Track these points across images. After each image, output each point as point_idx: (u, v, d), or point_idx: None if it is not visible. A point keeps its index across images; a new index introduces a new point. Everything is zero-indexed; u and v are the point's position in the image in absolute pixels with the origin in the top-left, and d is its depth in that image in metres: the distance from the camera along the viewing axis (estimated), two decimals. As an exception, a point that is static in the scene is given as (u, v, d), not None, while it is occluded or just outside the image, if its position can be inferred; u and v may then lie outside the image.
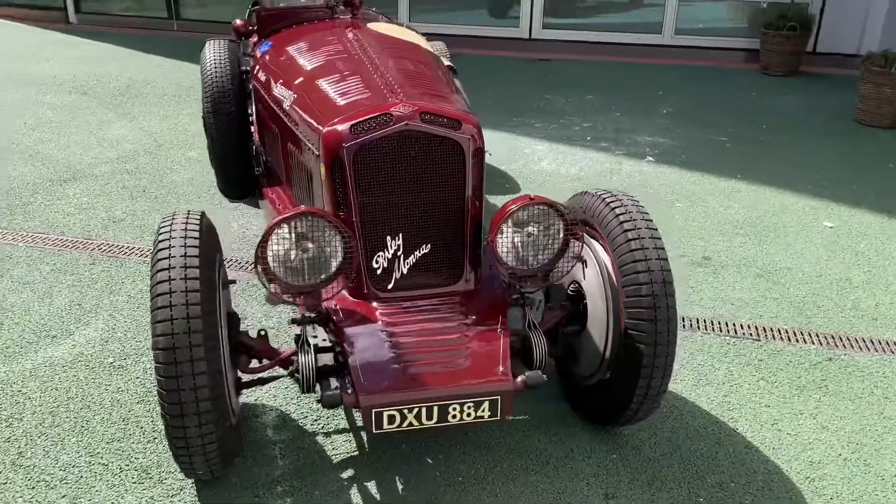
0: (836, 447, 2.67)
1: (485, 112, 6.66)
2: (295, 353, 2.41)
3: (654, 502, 2.41)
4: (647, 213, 2.48)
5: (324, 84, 2.86)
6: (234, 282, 2.67)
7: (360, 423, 2.73)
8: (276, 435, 2.66)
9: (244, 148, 3.53)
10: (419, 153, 2.43)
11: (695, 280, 3.81)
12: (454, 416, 2.23)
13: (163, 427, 2.14)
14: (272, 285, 2.24)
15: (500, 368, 2.28)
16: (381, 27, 3.83)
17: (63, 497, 2.37)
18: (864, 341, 3.31)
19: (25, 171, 5.12)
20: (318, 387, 2.30)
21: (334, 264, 2.26)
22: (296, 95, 2.94)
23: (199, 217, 2.30)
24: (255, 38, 3.99)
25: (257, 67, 3.59)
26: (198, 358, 2.04)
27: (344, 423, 2.73)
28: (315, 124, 2.59)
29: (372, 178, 2.41)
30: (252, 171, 3.68)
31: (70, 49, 9.06)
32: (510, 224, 2.35)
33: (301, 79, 3.05)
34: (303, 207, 2.23)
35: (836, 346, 3.29)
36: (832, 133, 6.29)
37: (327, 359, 2.40)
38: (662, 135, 6.15)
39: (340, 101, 2.65)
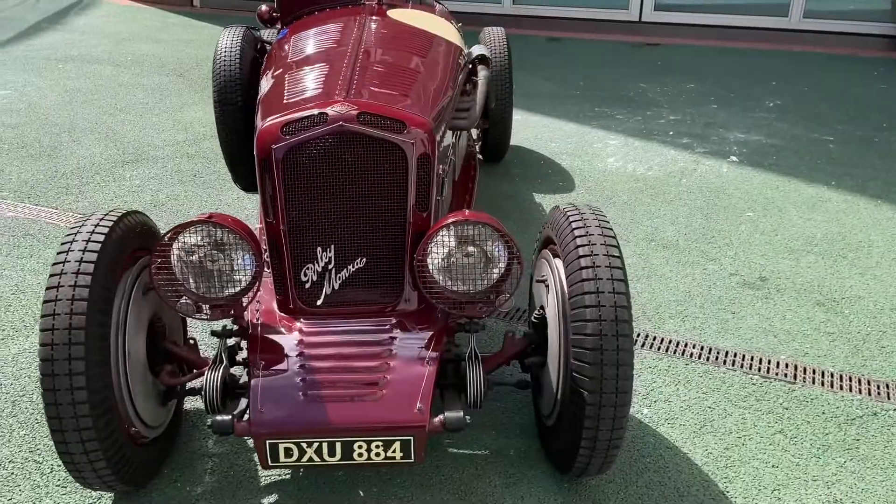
0: (844, 528, 2.21)
1: (566, 102, 6.26)
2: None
3: (595, 573, 2.07)
4: (611, 233, 2.12)
5: (291, 76, 2.68)
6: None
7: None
8: (215, 447, 2.53)
9: (251, 139, 3.40)
10: (356, 157, 2.20)
11: (740, 304, 3.34)
12: (360, 455, 2.01)
13: (53, 439, 2.05)
14: (181, 297, 2.09)
15: (418, 405, 2.02)
16: (404, 14, 3.59)
17: (-13, 494, 2.35)
18: (927, 395, 2.76)
19: (96, 151, 5.29)
20: (225, 408, 2.13)
21: (242, 277, 2.08)
22: (266, 89, 2.77)
23: (115, 218, 2.18)
24: (278, 26, 3.86)
25: (267, 56, 3.46)
26: (77, 372, 1.93)
27: (289, 441, 2.55)
28: (258, 121, 2.40)
29: (302, 182, 2.21)
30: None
31: (184, 31, 9.40)
32: (442, 241, 2.07)
33: (279, 70, 2.88)
34: (204, 214, 2.05)
35: (888, 397, 2.76)
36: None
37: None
38: (758, 131, 5.52)
39: (290, 98, 2.46)
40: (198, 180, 4.78)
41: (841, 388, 2.81)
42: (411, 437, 1.99)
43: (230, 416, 2.03)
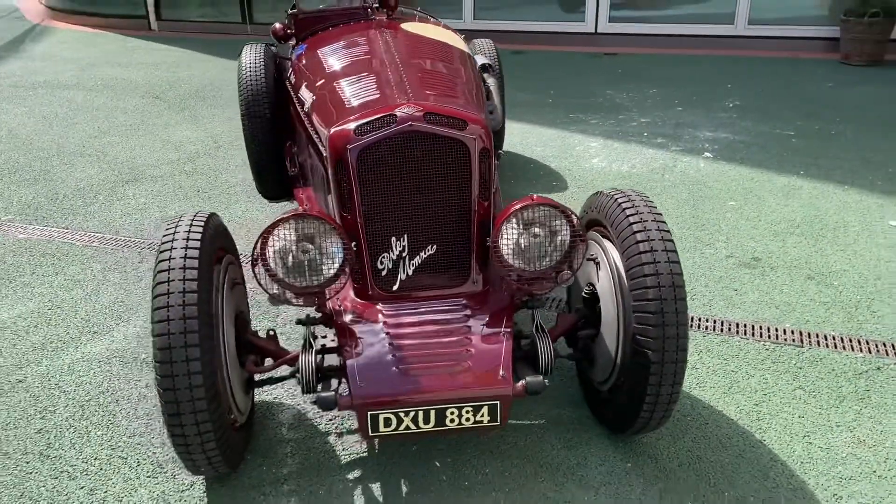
0: (871, 463, 2.50)
1: (542, 109, 6.58)
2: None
3: (664, 515, 2.31)
4: (659, 214, 2.38)
5: (339, 86, 2.88)
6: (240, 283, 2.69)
7: (373, 423, 2.73)
8: (290, 433, 2.69)
9: (278, 150, 3.59)
10: (424, 153, 2.41)
11: (740, 282, 3.65)
12: (452, 421, 2.20)
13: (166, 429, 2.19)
14: (274, 286, 2.27)
15: (501, 373, 2.23)
16: (416, 27, 3.82)
17: (82, 488, 2.46)
18: (919, 349, 3.10)
19: (91, 173, 5.36)
20: (319, 387, 2.31)
21: (333, 266, 2.26)
22: (315, 97, 2.96)
23: (205, 218, 2.35)
24: (293, 42, 4.05)
25: (290, 70, 3.64)
26: (193, 358, 2.08)
27: (356, 424, 2.73)
28: (323, 125, 2.60)
29: (376, 178, 2.41)
30: (288, 172, 3.74)
31: (148, 55, 9.44)
32: (513, 225, 2.30)
33: (322, 80, 3.08)
34: (300, 209, 2.24)
35: (887, 353, 3.08)
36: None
37: (334, 360, 2.41)
38: (724, 129, 5.92)
39: (351, 103, 2.66)
40: (203, 195, 4.90)
41: (844, 348, 3.12)
42: (497, 402, 2.20)
43: (333, 392, 2.21)
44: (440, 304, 2.44)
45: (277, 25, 3.99)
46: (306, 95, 3.08)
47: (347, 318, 2.38)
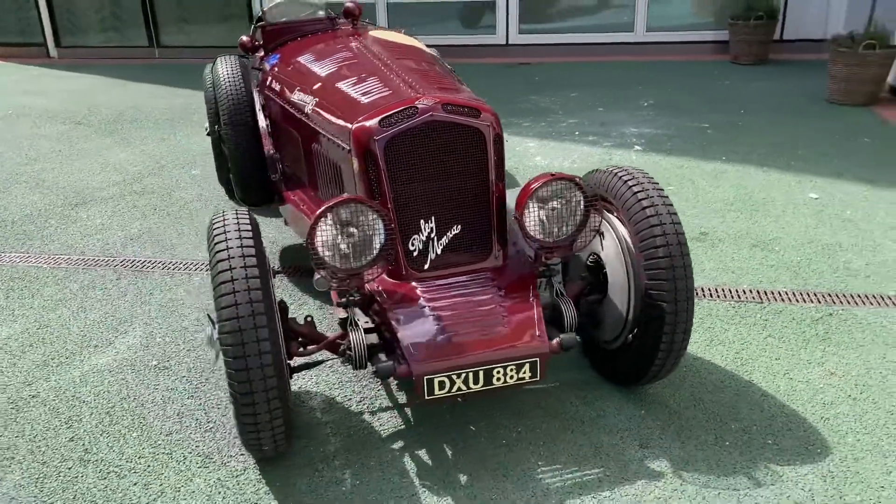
0: (845, 390, 2.88)
1: (473, 115, 6.87)
2: (341, 337, 2.59)
3: (684, 448, 2.60)
4: (657, 183, 2.68)
5: (344, 86, 3.05)
6: (279, 271, 2.82)
7: (402, 399, 2.90)
8: (325, 416, 2.82)
9: (262, 156, 3.69)
10: (444, 141, 2.62)
11: (695, 254, 4.02)
12: (498, 379, 2.42)
13: (232, 410, 2.30)
14: (322, 270, 2.42)
15: (537, 332, 2.47)
16: (383, 34, 4.03)
17: (135, 485, 2.51)
18: (860, 297, 3.54)
19: (34, 198, 5.24)
20: (368, 364, 2.47)
21: (376, 247, 2.44)
22: (317, 99, 3.12)
23: (247, 213, 2.48)
24: (260, 53, 4.16)
25: (269, 79, 3.77)
26: (262, 339, 2.21)
27: (387, 402, 2.90)
28: (343, 122, 2.77)
29: (402, 167, 2.60)
30: (268, 178, 3.84)
31: (55, 82, 9.17)
32: (535, 200, 2.54)
33: (319, 84, 3.23)
34: (345, 195, 2.40)
35: (834, 302, 3.51)
36: (807, 113, 6.58)
37: (372, 338, 2.58)
38: (646, 125, 6.39)
39: (364, 100, 2.84)
40: (161, 213, 4.90)
41: (797, 301, 3.53)
42: (537, 359, 2.43)
43: (391, 362, 2.38)
44: (468, 279, 2.65)
45: (245, 38, 4.10)
46: (304, 99, 3.23)
47: (389, 297, 2.55)
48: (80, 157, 6.17)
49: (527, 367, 2.43)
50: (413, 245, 2.64)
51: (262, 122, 3.82)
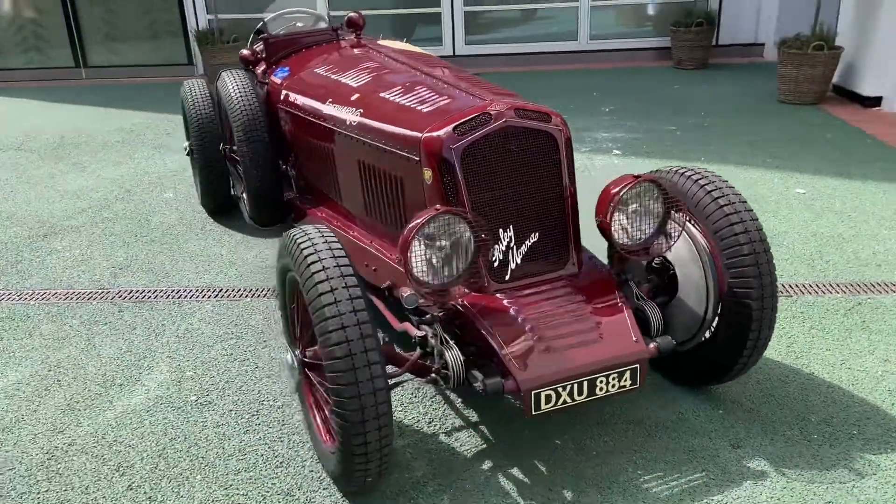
0: (903, 375, 2.95)
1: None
2: (423, 357, 2.46)
3: (774, 445, 2.59)
4: (727, 181, 2.68)
5: (391, 97, 2.94)
6: None
7: (473, 417, 2.79)
8: (400, 441, 2.68)
9: (278, 173, 3.52)
10: (518, 147, 2.54)
11: (710, 253, 4.07)
12: (601, 389, 2.35)
13: (339, 440, 2.14)
14: (413, 287, 2.29)
15: (634, 338, 2.41)
16: (391, 44, 3.92)
17: (218, 531, 2.32)
18: (881, 285, 3.65)
19: (-4, 231, 4.85)
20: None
21: (470, 258, 2.33)
22: (361, 110, 2.98)
23: (329, 229, 2.33)
24: (262, 67, 3.98)
25: (283, 93, 3.60)
26: (373, 362, 2.07)
27: (458, 421, 2.79)
28: (409, 132, 2.65)
29: (479, 175, 2.51)
30: (282, 196, 3.67)
31: (-20, 107, 8.58)
32: (618, 204, 2.49)
33: (357, 95, 3.10)
34: (440, 207, 2.28)
35: (858, 292, 3.61)
36: (764, 113, 6.82)
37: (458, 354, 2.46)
38: (617, 130, 6.48)
39: (425, 109, 2.73)
40: (144, 239, 4.62)
41: (823, 292, 3.61)
42: (637, 365, 2.37)
43: (499, 379, 2.27)
44: (550, 287, 2.57)
45: (246, 52, 3.90)
46: (342, 112, 3.08)
47: (477, 310, 2.45)
48: (32, 184, 5.76)
49: (628, 374, 2.37)
50: (493, 255, 2.55)
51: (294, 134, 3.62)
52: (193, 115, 4.48)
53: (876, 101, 6.81)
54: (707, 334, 2.72)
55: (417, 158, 2.59)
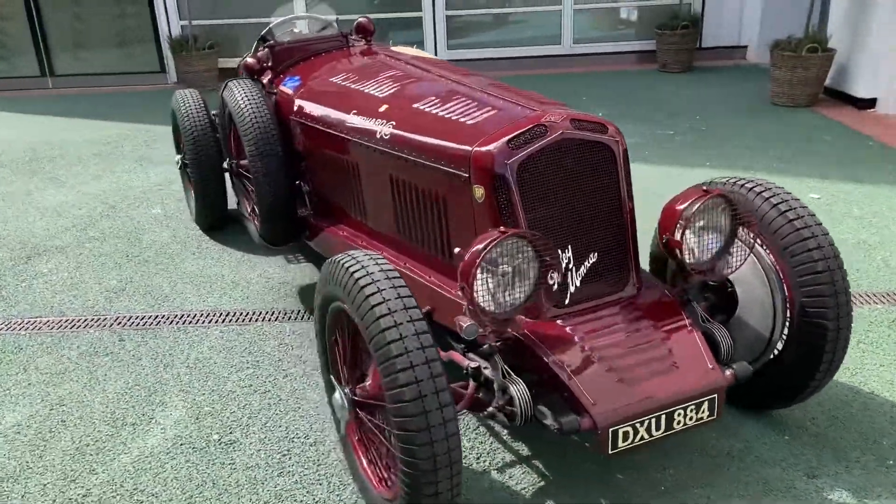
0: (965, 391, 2.83)
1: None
2: (479, 390, 2.26)
3: (851, 473, 2.44)
4: (793, 195, 2.53)
5: (427, 108, 2.73)
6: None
7: (526, 451, 2.60)
8: (451, 481, 2.47)
9: (292, 190, 3.29)
10: (575, 161, 2.36)
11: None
12: (678, 423, 2.18)
13: (404, 489, 1.93)
14: (474, 317, 2.09)
15: (710, 365, 2.24)
16: (404, 50, 3.72)
17: None
18: (918, 294, 3.55)
19: (-26, 253, 4.53)
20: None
21: (535, 285, 2.14)
22: (394, 122, 2.77)
23: (383, 257, 2.12)
24: (268, 76, 3.74)
25: (296, 103, 3.36)
26: (445, 404, 1.87)
27: (509, 456, 2.59)
28: (456, 146, 2.44)
29: (536, 191, 2.32)
30: (295, 213, 3.44)
31: (-58, 120, 8.15)
32: (686, 220, 2.32)
33: (386, 106, 2.89)
34: (505, 229, 2.09)
35: (894, 302, 3.49)
36: (759, 116, 6.75)
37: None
38: (615, 135, 6.34)
39: (469, 121, 2.53)
40: (137, 260, 4.34)
41: (863, 303, 3.49)
42: (715, 395, 2.20)
43: (574, 416, 2.08)
44: (612, 311, 2.39)
45: (251, 59, 3.65)
46: (370, 124, 2.86)
47: (538, 339, 2.26)
48: (8, 202, 5.43)
49: (706, 405, 2.20)
50: (552, 278, 2.35)
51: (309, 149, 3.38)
52: (188, 126, 4.22)
53: (870, 103, 6.78)
54: (771, 355, 2.56)
55: (466, 175, 2.39)
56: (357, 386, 2.22)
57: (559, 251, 2.35)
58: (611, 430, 2.08)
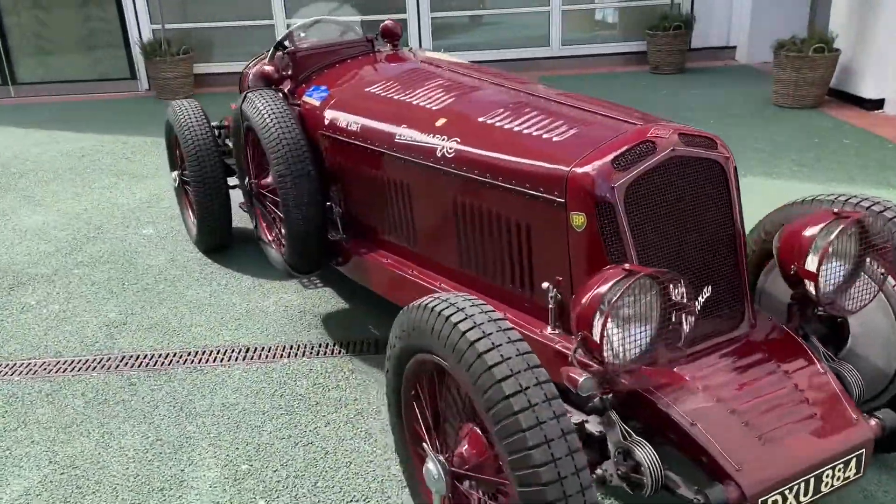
0: None
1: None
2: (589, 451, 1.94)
3: None
4: (908, 213, 2.27)
5: (498, 122, 2.41)
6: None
7: (623, 510, 2.29)
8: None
9: (324, 211, 2.94)
10: (685, 181, 2.07)
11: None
12: (826, 484, 1.89)
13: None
14: (598, 369, 1.78)
15: (853, 415, 1.96)
16: (435, 55, 3.40)
17: None
18: None
19: (-52, 284, 4.08)
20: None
21: (662, 330, 1.84)
22: (458, 139, 2.44)
23: (482, 300, 1.80)
24: (287, 85, 3.37)
25: (328, 116, 3.01)
26: (587, 485, 1.56)
27: (605, 516, 2.28)
28: (548, 167, 2.12)
29: (645, 217, 2.03)
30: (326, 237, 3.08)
31: None
32: (826, 248, 2.03)
33: (443, 120, 2.55)
34: (631, 267, 1.78)
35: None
36: (765, 118, 6.56)
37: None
38: (625, 141, 6.09)
39: (555, 136, 2.21)
40: (135, 288, 3.94)
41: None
42: (863, 450, 1.92)
43: (719, 486, 1.77)
44: (733, 353, 2.10)
45: (269, 67, 3.27)
46: (425, 139, 2.53)
47: (657, 390, 1.95)
48: (-20, 224, 4.96)
49: (853, 462, 1.91)
50: (686, 322, 2.05)
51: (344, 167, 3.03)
52: (190, 140, 3.84)
53: (878, 104, 6.64)
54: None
55: (561, 200, 2.08)
56: (453, 453, 1.89)
57: (692, 290, 2.05)
58: (760, 499, 1.78)
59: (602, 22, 9.40)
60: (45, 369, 3.22)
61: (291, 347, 3.31)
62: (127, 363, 3.24)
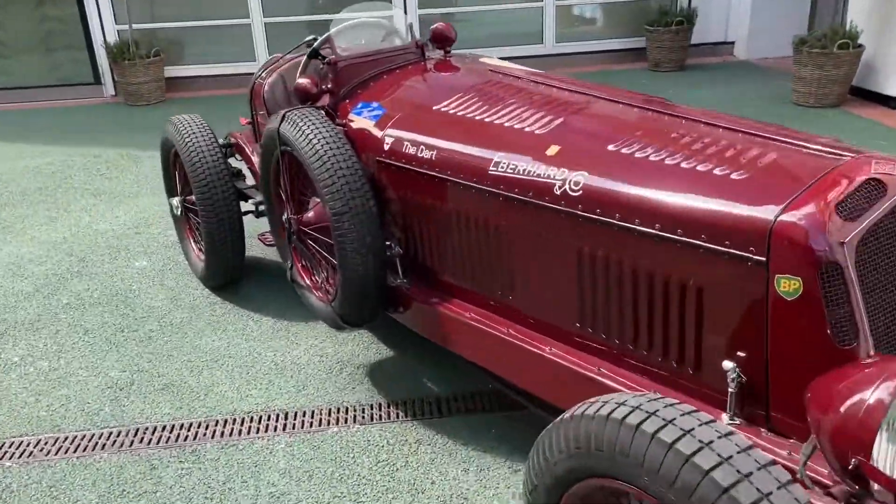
0: None
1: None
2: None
3: None
4: None
5: (640, 152, 1.92)
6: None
7: None
8: None
9: (385, 256, 2.42)
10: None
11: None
12: None
13: None
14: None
15: None
16: (494, 63, 2.91)
17: None
18: None
19: (-90, 337, 3.45)
20: None
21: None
22: (585, 172, 1.94)
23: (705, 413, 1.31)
24: (325, 100, 2.82)
25: (388, 140, 2.48)
26: None
27: None
28: (738, 214, 1.64)
29: (875, 279, 1.56)
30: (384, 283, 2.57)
31: None
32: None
33: (557, 148, 2.05)
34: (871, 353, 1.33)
35: None
36: (789, 118, 6.19)
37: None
38: (651, 146, 5.67)
39: (735, 174, 1.74)
40: (137, 337, 3.36)
41: None
42: None
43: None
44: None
45: (305, 81, 2.70)
46: (543, 173, 2.03)
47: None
48: (-59, 258, 4.31)
49: None
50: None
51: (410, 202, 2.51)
52: (198, 163, 3.28)
53: (904, 102, 6.35)
54: None
55: (761, 258, 1.60)
56: None
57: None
58: None
59: (623, 15, 8.98)
60: (42, 451, 2.65)
61: (338, 411, 2.79)
62: (142, 438, 2.69)
